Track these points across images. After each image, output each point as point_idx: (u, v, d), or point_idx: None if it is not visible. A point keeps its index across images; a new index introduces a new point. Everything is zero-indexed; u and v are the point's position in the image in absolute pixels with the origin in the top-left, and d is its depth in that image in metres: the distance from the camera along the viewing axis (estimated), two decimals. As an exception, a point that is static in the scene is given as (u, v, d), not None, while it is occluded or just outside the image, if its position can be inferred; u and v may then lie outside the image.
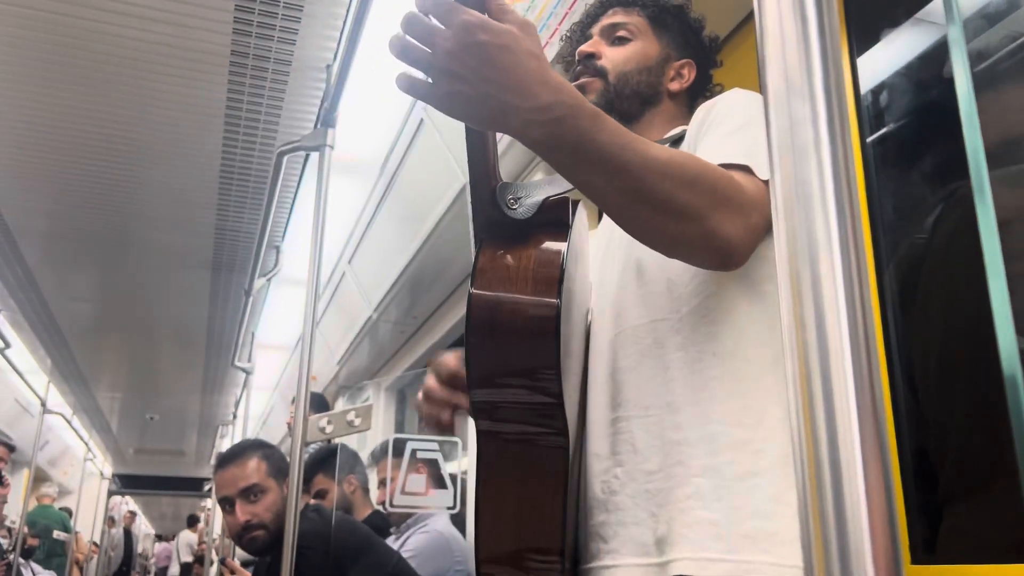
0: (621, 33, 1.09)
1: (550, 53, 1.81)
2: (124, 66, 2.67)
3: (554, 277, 0.77)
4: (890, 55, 1.37)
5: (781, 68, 0.44)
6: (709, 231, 0.76)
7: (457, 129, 0.77)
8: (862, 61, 1.40)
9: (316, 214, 2.05)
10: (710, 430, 0.84)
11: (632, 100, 1.06)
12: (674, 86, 1.10)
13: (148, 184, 3.51)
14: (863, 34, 1.39)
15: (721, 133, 0.90)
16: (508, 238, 0.82)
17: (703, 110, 0.97)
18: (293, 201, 3.39)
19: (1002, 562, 0.94)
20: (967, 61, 0.55)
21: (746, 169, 0.83)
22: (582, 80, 1.07)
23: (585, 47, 1.09)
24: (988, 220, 0.51)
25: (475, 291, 0.78)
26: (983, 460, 1.02)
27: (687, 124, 1.06)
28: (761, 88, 0.44)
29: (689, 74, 1.11)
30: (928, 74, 1.32)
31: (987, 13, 1.02)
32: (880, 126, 1.35)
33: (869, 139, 1.35)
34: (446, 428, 0.96)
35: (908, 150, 1.33)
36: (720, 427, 0.83)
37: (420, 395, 0.97)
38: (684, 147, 0.97)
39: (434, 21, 0.71)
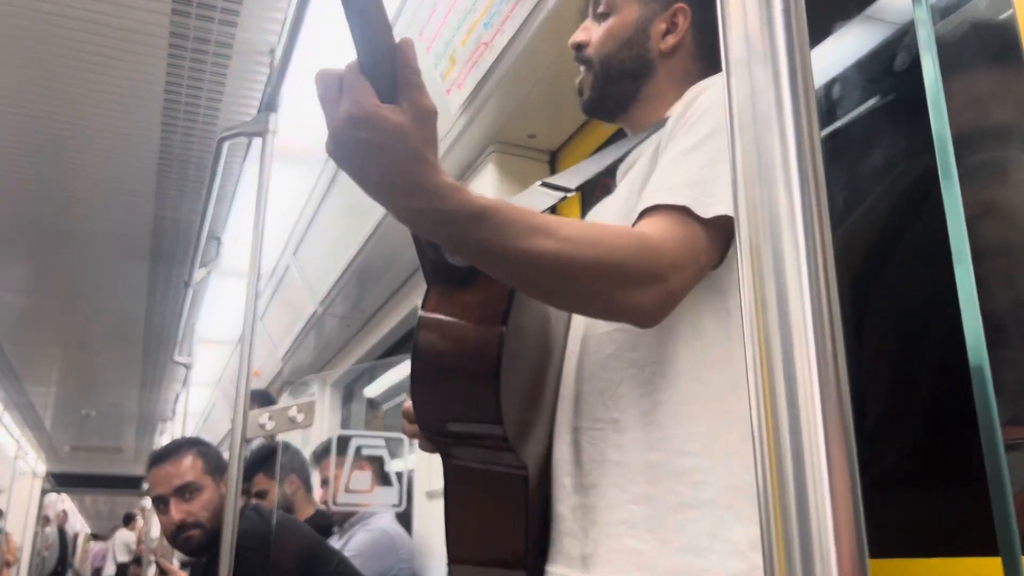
0: (602, 8, 1.01)
1: (502, 40, 1.78)
2: (56, 45, 2.56)
3: (496, 321, 0.77)
4: (838, 51, 1.37)
5: (742, 31, 0.41)
6: (612, 307, 0.76)
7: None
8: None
9: (258, 203, 1.99)
10: (652, 457, 0.81)
11: (621, 81, 0.99)
12: (667, 43, 0.98)
13: (82, 171, 3.37)
14: (811, 30, 1.39)
15: (681, 148, 0.83)
16: (453, 284, 0.81)
17: (691, 94, 0.90)
18: (235, 190, 3.30)
19: (949, 555, 0.94)
20: (934, 43, 0.53)
21: (682, 211, 0.77)
22: (580, 78, 1.02)
23: (574, 37, 1.03)
24: (955, 208, 0.49)
25: (419, 339, 0.78)
26: (926, 451, 1.02)
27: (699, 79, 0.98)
28: (722, 54, 0.41)
29: (684, 20, 0.98)
30: (875, 68, 1.32)
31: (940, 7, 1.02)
32: (829, 120, 1.35)
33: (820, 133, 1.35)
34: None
35: (853, 144, 1.33)
36: (662, 455, 0.80)
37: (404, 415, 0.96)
38: (665, 135, 0.90)
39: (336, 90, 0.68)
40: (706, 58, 1.00)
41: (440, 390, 0.79)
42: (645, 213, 0.80)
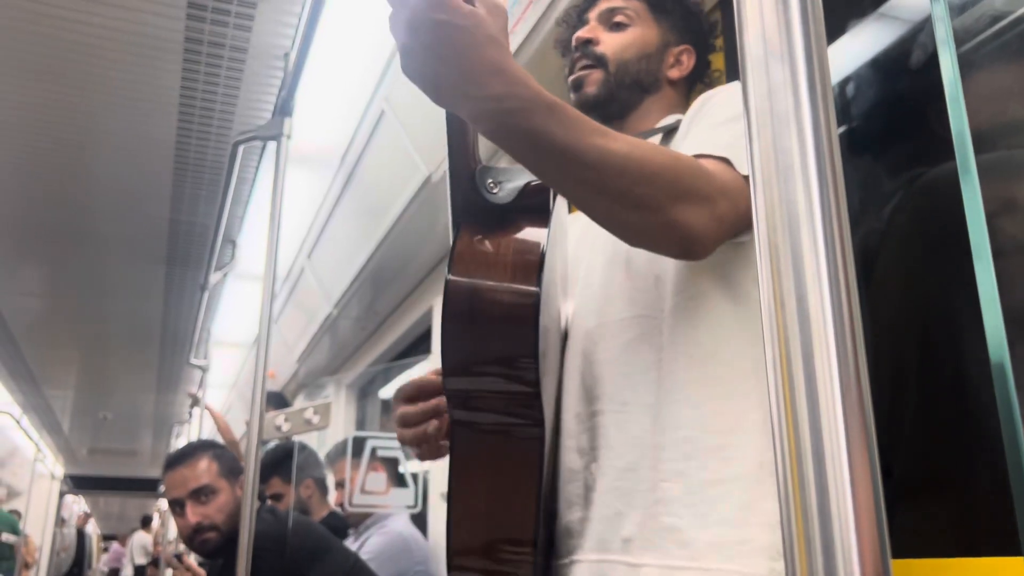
0: (619, 18, 1.06)
1: (515, 40, 1.78)
2: (72, 51, 2.58)
3: (534, 264, 0.76)
4: (853, 49, 1.37)
5: (759, 29, 0.41)
6: (669, 221, 0.75)
7: (419, 120, 0.74)
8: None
9: (273, 206, 1.99)
10: (683, 434, 0.83)
11: (632, 88, 1.04)
12: (673, 73, 1.07)
13: (99, 175, 3.40)
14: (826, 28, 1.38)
15: (709, 124, 0.89)
16: (487, 223, 0.81)
17: (700, 100, 0.96)
18: (250, 193, 3.32)
19: (971, 555, 0.94)
20: (952, 39, 0.53)
21: (724, 161, 0.82)
22: (581, 71, 1.04)
23: (583, 32, 1.06)
24: (975, 204, 0.49)
25: (452, 277, 0.77)
26: (940, 455, 1.01)
27: (683, 112, 1.06)
28: (738, 51, 0.41)
29: (688, 61, 1.08)
30: (890, 67, 1.31)
31: (956, 4, 1.01)
32: (844, 119, 1.34)
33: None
34: (435, 446, 0.93)
35: (868, 143, 1.33)
36: (693, 432, 0.83)
37: (396, 426, 0.95)
38: (678, 135, 0.96)
39: None
40: (687, 98, 1.10)
41: (473, 331, 0.76)
42: None
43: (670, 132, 1.00)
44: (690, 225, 0.75)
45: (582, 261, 1.00)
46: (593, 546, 0.86)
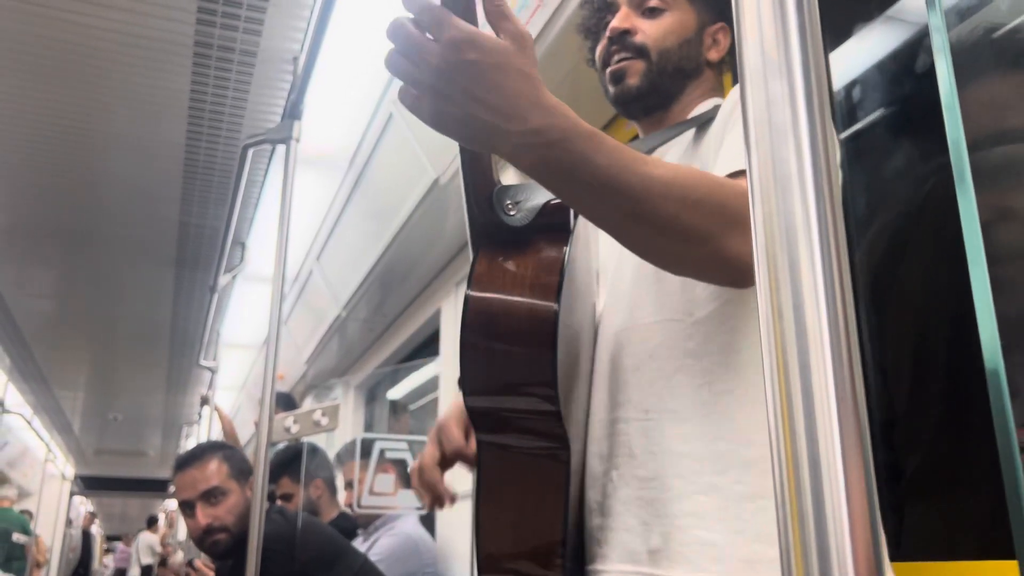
0: (653, 3, 1.00)
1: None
2: (83, 55, 2.60)
3: (553, 285, 0.75)
4: (859, 52, 1.37)
5: (757, 43, 0.42)
6: (717, 251, 0.71)
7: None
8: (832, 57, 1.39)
9: (282, 209, 2.01)
10: (718, 447, 0.80)
11: (675, 77, 0.99)
12: (713, 55, 1.02)
13: (109, 178, 3.43)
14: (832, 31, 1.39)
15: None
16: (506, 243, 0.80)
17: (735, 98, 0.92)
18: (259, 196, 3.33)
19: (967, 558, 0.94)
20: (949, 49, 0.53)
21: None
22: (621, 63, 0.99)
23: (617, 23, 0.99)
24: (970, 212, 0.49)
25: (472, 295, 0.76)
26: (956, 456, 1.01)
27: (720, 95, 1.02)
28: (737, 64, 0.42)
29: (724, 40, 1.02)
30: (896, 71, 1.32)
31: (959, 9, 1.01)
32: (851, 122, 1.34)
33: (841, 135, 1.34)
34: (437, 504, 0.94)
35: (879, 146, 1.33)
36: (729, 445, 0.79)
37: (415, 463, 0.95)
38: (713, 130, 0.92)
39: (420, 31, 0.67)
40: (722, 77, 1.04)
41: (492, 354, 0.76)
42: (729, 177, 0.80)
43: (705, 123, 0.96)
44: (739, 254, 0.71)
45: (612, 259, 0.98)
46: (619, 556, 0.84)
